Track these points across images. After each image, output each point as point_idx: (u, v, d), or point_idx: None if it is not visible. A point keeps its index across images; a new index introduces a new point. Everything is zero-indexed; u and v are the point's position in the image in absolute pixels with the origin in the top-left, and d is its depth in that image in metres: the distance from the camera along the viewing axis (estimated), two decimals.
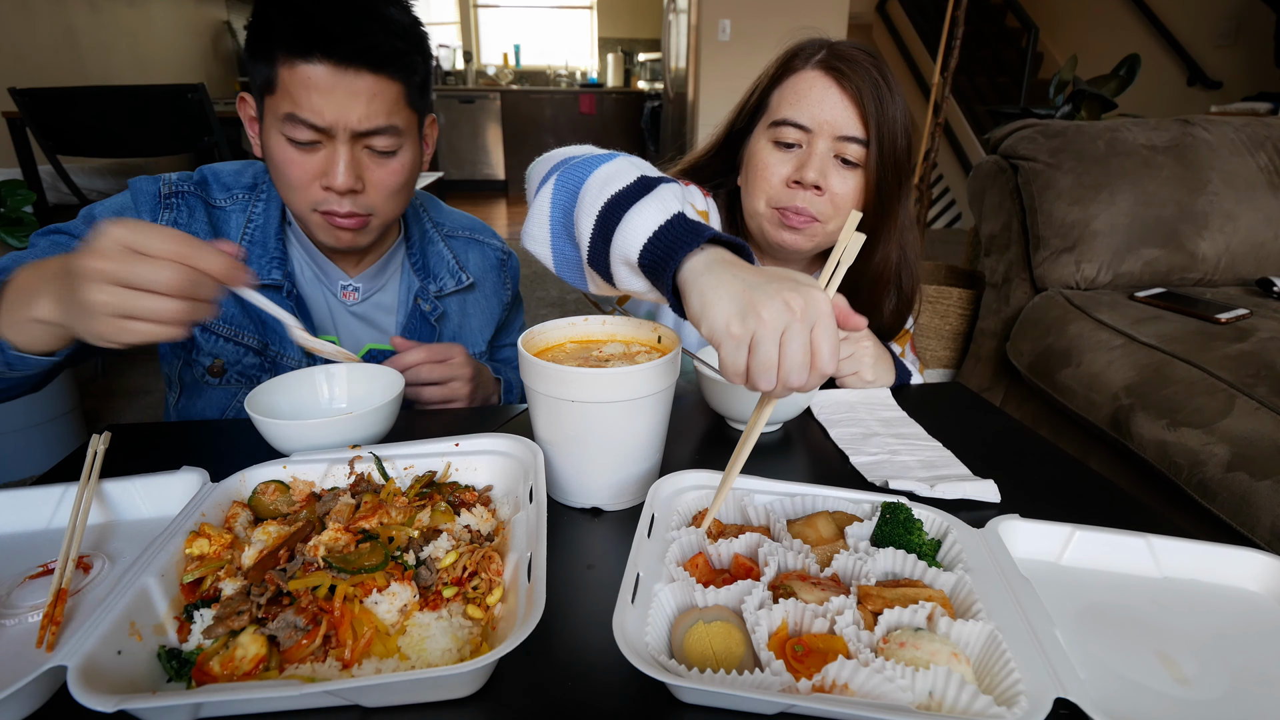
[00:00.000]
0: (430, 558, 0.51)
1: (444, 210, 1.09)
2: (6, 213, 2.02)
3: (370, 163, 0.82)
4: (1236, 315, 1.58)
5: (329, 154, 0.79)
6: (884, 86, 0.84)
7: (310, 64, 0.74)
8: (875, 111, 0.84)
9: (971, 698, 0.41)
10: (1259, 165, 1.89)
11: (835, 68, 0.85)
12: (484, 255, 1.08)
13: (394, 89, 0.79)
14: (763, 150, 0.89)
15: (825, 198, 0.86)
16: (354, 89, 0.76)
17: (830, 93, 0.85)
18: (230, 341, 0.90)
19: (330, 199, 0.82)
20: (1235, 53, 4.26)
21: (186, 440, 0.79)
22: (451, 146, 7.24)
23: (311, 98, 0.75)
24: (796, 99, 0.86)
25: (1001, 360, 1.96)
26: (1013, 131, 1.98)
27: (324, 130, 0.77)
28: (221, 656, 0.43)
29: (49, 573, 0.52)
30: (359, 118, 0.77)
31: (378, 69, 0.77)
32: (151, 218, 0.86)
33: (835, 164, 0.86)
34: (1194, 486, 1.25)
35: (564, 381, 0.58)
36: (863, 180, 0.87)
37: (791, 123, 0.86)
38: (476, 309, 1.07)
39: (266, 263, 0.90)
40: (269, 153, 0.82)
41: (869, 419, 0.84)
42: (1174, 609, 0.53)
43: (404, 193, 0.88)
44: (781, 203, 0.88)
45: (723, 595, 0.48)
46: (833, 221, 0.89)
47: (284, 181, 0.82)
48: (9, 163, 2.61)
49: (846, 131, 0.85)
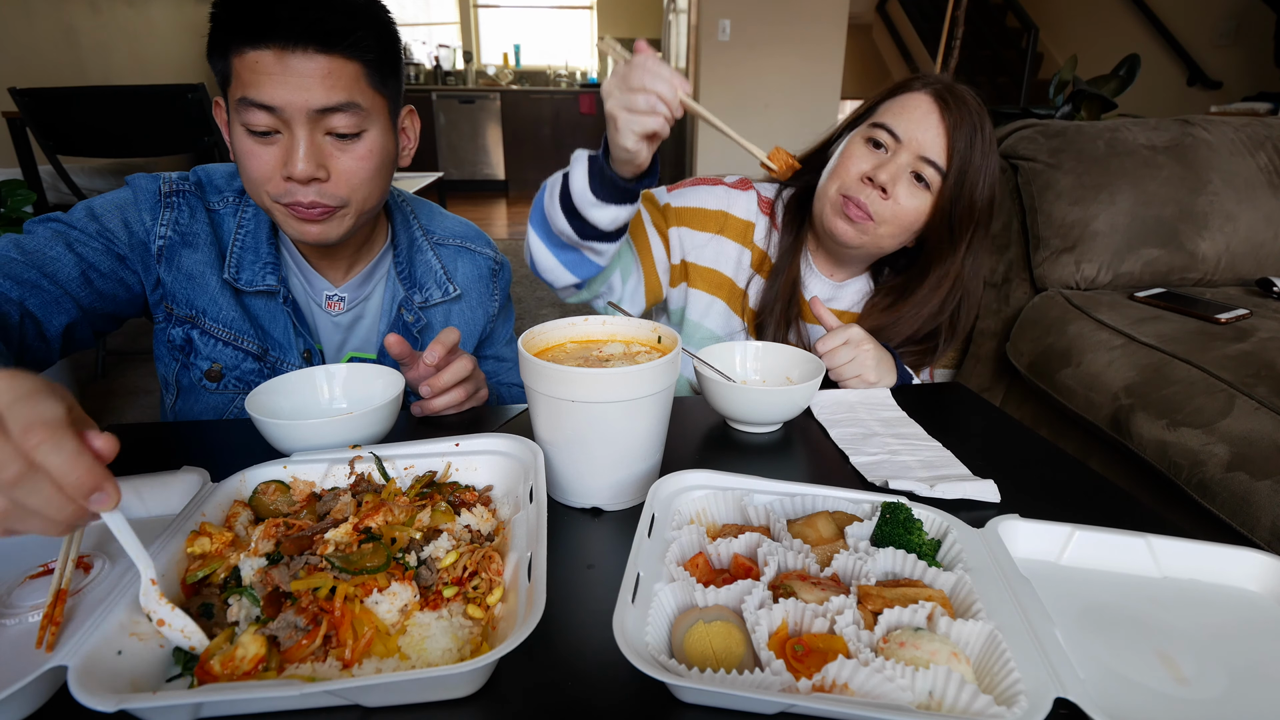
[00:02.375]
0: (430, 558, 0.51)
1: (436, 216, 1.06)
2: (6, 213, 2.02)
3: (334, 149, 0.79)
4: (1236, 315, 1.58)
5: (287, 142, 0.77)
6: (979, 132, 0.90)
7: (259, 49, 0.73)
8: (963, 148, 0.90)
9: (971, 697, 0.41)
10: (1259, 165, 1.89)
11: (944, 98, 0.91)
12: (475, 264, 1.06)
13: (350, 68, 0.77)
14: (854, 144, 0.96)
15: (888, 203, 0.92)
16: (305, 70, 0.74)
17: (930, 116, 0.91)
18: (230, 346, 0.89)
19: (293, 189, 0.79)
20: (1235, 53, 4.27)
21: (186, 440, 0.79)
22: (451, 146, 7.24)
23: (261, 81, 0.74)
24: (900, 111, 0.93)
25: (1001, 360, 1.96)
26: (1013, 131, 1.98)
27: (277, 112, 0.75)
28: (222, 656, 0.43)
29: (49, 573, 0.52)
30: (312, 97, 0.75)
31: (327, 48, 0.75)
32: (152, 216, 0.85)
33: (909, 178, 0.92)
34: (1194, 486, 1.25)
35: (564, 381, 0.58)
36: (931, 204, 0.93)
37: (888, 128, 0.93)
38: (461, 320, 1.04)
39: (260, 268, 0.88)
40: (234, 150, 0.80)
41: (869, 419, 0.84)
42: (1174, 609, 0.53)
43: (376, 181, 0.84)
44: (850, 192, 0.93)
45: (723, 595, 0.48)
46: (885, 226, 0.94)
47: (246, 176, 0.81)
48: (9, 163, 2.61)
49: (930, 154, 0.91)
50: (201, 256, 0.87)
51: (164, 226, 0.85)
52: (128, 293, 0.86)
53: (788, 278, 1.04)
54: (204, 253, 0.87)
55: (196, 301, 0.88)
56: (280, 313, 0.91)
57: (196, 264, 0.87)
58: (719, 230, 1.06)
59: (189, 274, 0.87)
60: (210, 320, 0.88)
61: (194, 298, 0.87)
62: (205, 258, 0.87)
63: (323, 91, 0.75)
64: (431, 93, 6.99)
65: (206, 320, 0.88)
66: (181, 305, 0.87)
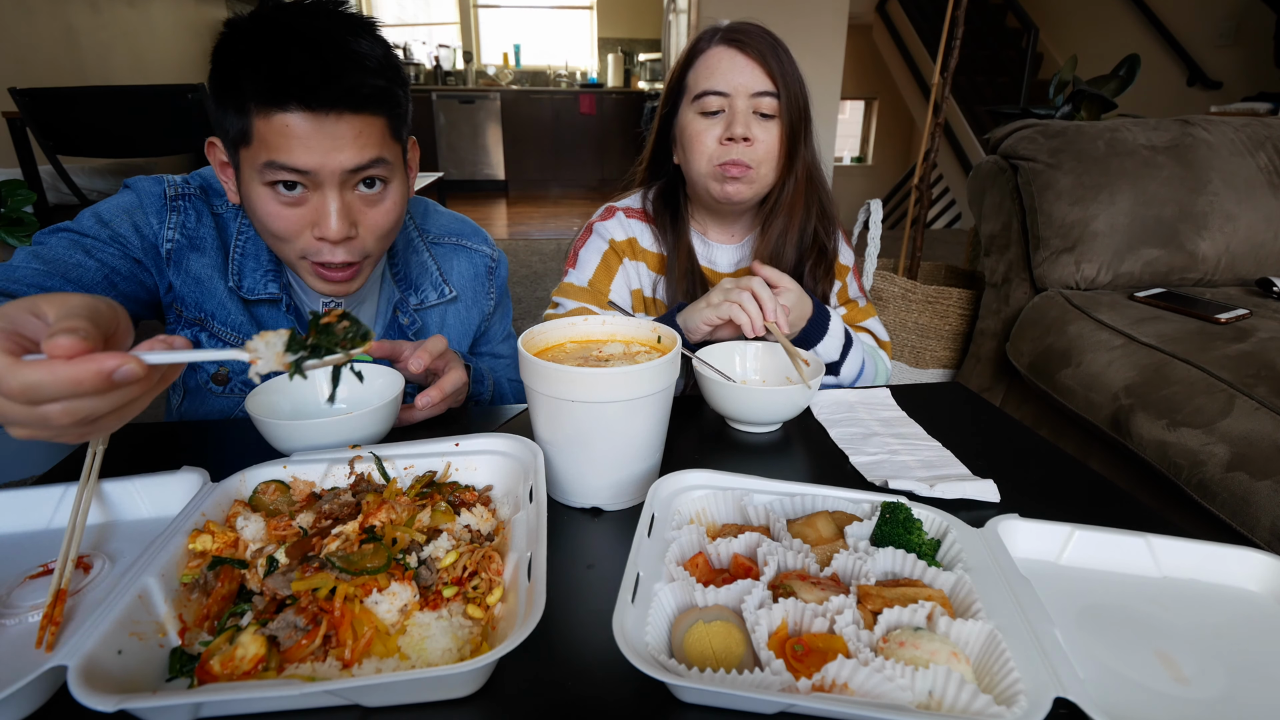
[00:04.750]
0: (430, 557, 0.51)
1: (432, 214, 1.06)
2: (7, 213, 2.02)
3: (361, 205, 0.79)
4: (1236, 315, 1.58)
5: (318, 202, 0.76)
6: (780, 49, 0.97)
7: (287, 113, 0.70)
8: (776, 67, 0.95)
9: (971, 697, 0.41)
10: (1259, 165, 1.89)
11: (736, 40, 0.97)
12: (471, 263, 1.05)
13: (378, 125, 0.76)
14: (693, 122, 1.00)
15: (754, 146, 0.97)
16: (336, 133, 0.72)
17: (737, 60, 0.96)
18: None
19: (324, 249, 0.78)
20: (1235, 53, 4.27)
21: (186, 440, 0.79)
22: (451, 146, 7.24)
23: (293, 146, 0.71)
24: (710, 72, 0.98)
25: (1001, 360, 1.96)
26: (1013, 131, 1.98)
27: (308, 174, 0.73)
28: (222, 656, 0.43)
29: (49, 573, 0.52)
30: (346, 159, 0.74)
31: (359, 110, 0.73)
32: (159, 219, 0.84)
33: (755, 118, 0.97)
34: (1194, 486, 1.25)
35: (564, 381, 0.58)
36: (779, 127, 0.98)
37: (711, 91, 0.97)
38: (456, 320, 1.04)
39: (261, 276, 0.88)
40: (251, 205, 0.78)
41: (869, 419, 0.85)
42: (1173, 608, 0.53)
43: (396, 229, 0.85)
44: (720, 159, 0.98)
45: (722, 595, 0.48)
46: (764, 166, 0.99)
47: (271, 234, 0.79)
48: (9, 163, 2.61)
49: (758, 88, 0.96)
50: (209, 260, 0.87)
51: (171, 230, 0.85)
52: (148, 295, 0.87)
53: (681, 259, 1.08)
54: (211, 256, 0.87)
55: (205, 305, 0.88)
56: (283, 320, 0.91)
57: (204, 268, 0.87)
58: (620, 262, 1.10)
59: (197, 278, 0.87)
60: (219, 324, 0.88)
61: (203, 301, 0.88)
62: (212, 261, 0.87)
63: (354, 152, 0.74)
64: (431, 93, 6.99)
65: (215, 323, 0.88)
66: (191, 308, 0.88)
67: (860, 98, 7.99)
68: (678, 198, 1.11)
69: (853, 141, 8.31)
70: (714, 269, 1.11)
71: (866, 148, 8.24)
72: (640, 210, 1.13)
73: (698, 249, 1.10)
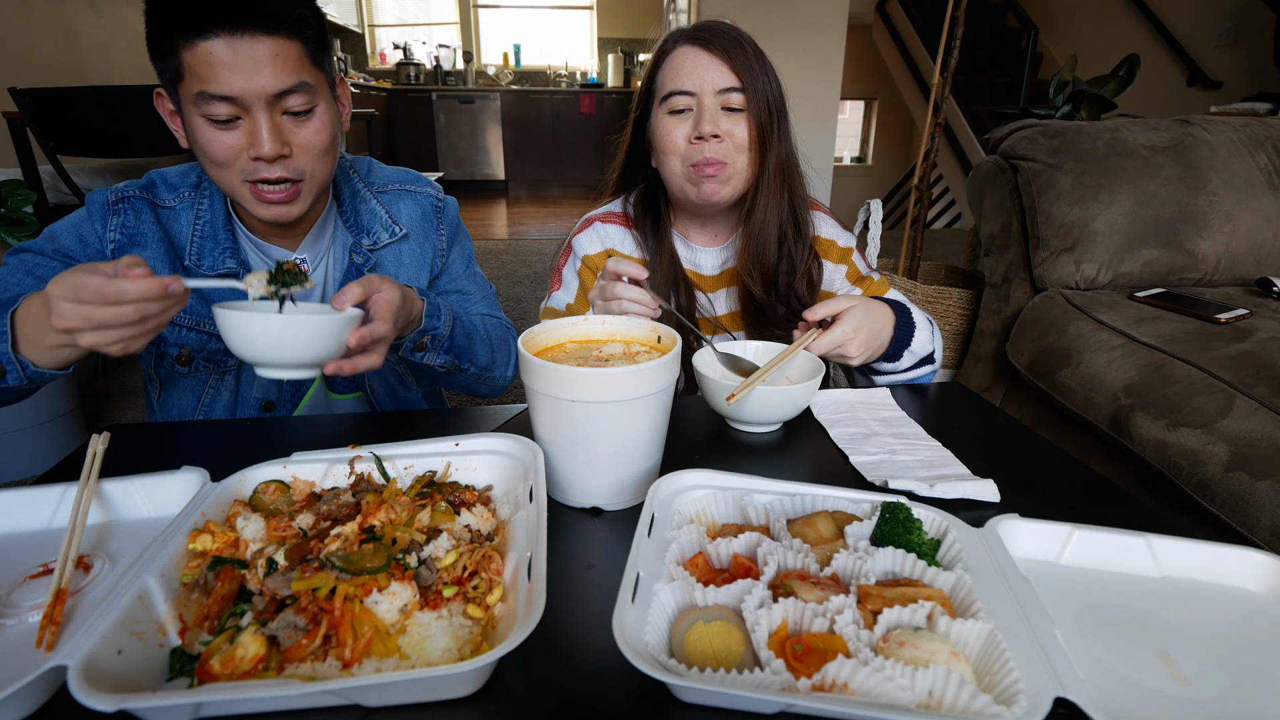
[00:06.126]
0: (430, 557, 0.51)
1: (375, 169, 1.11)
2: (7, 213, 2.01)
3: (291, 126, 0.85)
4: (1236, 315, 1.58)
5: (250, 126, 0.82)
6: (744, 44, 0.97)
7: (207, 40, 0.77)
8: (741, 61, 0.96)
9: (971, 697, 0.41)
10: (1259, 165, 1.89)
11: (700, 39, 0.98)
12: (417, 203, 1.09)
13: (294, 48, 0.82)
14: (663, 123, 1.00)
15: (726, 142, 0.97)
16: (255, 54, 0.79)
17: (702, 58, 0.97)
18: (193, 331, 0.95)
19: (260, 168, 0.84)
20: (1235, 53, 4.27)
21: (186, 440, 0.79)
22: (451, 146, 7.24)
23: (218, 72, 0.78)
24: (677, 71, 0.98)
25: (1001, 360, 1.96)
26: (1013, 131, 1.98)
27: (238, 101, 0.80)
28: (222, 656, 0.43)
29: (49, 573, 0.52)
30: (268, 82, 0.80)
31: (272, 30, 0.79)
32: (102, 224, 0.91)
33: (724, 114, 0.98)
34: (1194, 486, 1.25)
35: (564, 381, 0.58)
36: (749, 121, 0.98)
37: (678, 91, 0.98)
38: (411, 257, 1.08)
39: (219, 254, 0.93)
40: (194, 139, 0.84)
41: (869, 419, 0.85)
42: (1173, 608, 0.53)
43: (331, 153, 0.90)
44: (693, 158, 0.99)
45: (722, 595, 0.48)
46: (738, 160, 0.98)
47: (212, 161, 0.84)
48: (9, 163, 2.60)
49: (724, 84, 0.96)
50: (151, 254, 0.92)
51: (113, 231, 0.91)
52: None
53: (664, 264, 1.07)
54: (153, 249, 0.92)
55: None
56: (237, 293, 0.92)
57: (147, 260, 0.89)
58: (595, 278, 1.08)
59: None
60: None
61: None
62: (155, 254, 0.92)
63: (275, 75, 0.80)
64: (431, 93, 6.99)
65: None
66: None
67: (860, 98, 7.99)
68: (658, 202, 1.11)
69: (853, 141, 8.32)
70: (698, 272, 1.11)
71: (866, 148, 8.24)
72: (621, 214, 1.13)
73: (681, 253, 1.10)
